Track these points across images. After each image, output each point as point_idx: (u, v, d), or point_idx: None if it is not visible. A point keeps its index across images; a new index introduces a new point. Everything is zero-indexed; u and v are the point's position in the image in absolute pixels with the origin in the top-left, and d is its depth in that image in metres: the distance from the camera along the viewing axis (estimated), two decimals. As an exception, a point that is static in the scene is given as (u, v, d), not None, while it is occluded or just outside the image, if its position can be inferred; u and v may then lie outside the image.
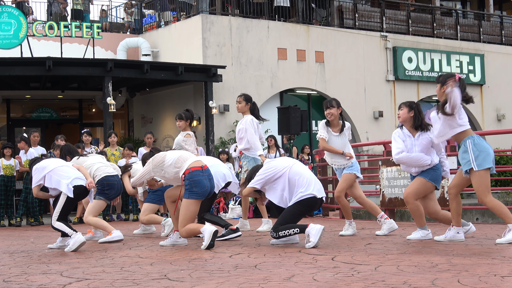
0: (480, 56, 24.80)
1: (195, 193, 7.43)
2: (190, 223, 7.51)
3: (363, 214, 13.57)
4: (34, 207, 13.81)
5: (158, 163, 7.68)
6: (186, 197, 7.44)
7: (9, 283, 5.12)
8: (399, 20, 24.01)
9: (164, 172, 7.66)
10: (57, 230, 8.05)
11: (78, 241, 7.72)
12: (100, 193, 8.88)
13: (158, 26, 22.20)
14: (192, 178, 7.44)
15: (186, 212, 7.44)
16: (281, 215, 7.63)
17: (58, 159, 8.74)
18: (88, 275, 5.42)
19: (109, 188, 8.91)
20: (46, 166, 8.19)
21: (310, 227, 7.22)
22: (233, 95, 19.53)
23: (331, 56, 21.66)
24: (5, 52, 18.78)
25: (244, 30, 20.20)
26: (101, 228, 8.89)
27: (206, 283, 4.76)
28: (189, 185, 7.41)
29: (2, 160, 13.73)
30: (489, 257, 5.88)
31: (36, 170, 8.22)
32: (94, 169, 8.93)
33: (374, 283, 4.53)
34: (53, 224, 8.03)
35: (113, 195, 9.08)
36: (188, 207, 7.44)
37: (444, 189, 10.80)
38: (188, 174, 7.45)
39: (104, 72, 17.66)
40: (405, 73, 22.99)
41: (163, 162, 7.67)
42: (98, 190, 8.87)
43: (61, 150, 9.49)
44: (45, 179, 8.16)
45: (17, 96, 20.97)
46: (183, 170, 7.51)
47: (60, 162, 8.42)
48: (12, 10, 18.91)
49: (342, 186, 9.09)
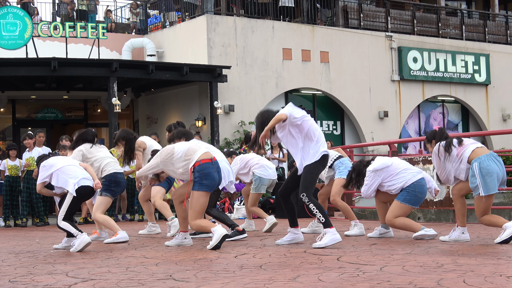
0: (486, 56, 24.74)
1: (205, 185, 7.41)
2: (202, 219, 7.49)
3: (368, 214, 13.56)
4: (39, 207, 13.83)
5: (167, 156, 7.64)
6: (195, 189, 7.40)
7: (15, 284, 5.13)
8: (404, 20, 23.96)
9: (173, 166, 7.62)
10: (63, 230, 8.04)
11: (83, 242, 7.72)
12: (106, 190, 8.78)
13: (163, 27, 22.21)
14: (202, 171, 7.42)
15: (196, 204, 7.41)
16: (303, 176, 7.45)
17: (66, 158, 8.71)
18: (93, 276, 5.43)
19: (116, 185, 8.86)
20: (54, 164, 8.17)
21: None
22: (238, 95, 19.54)
23: (336, 56, 21.64)
24: (10, 53, 18.80)
25: (249, 30, 20.20)
26: (108, 227, 8.84)
27: (211, 284, 4.77)
28: (199, 177, 7.39)
29: (7, 161, 13.77)
30: (495, 257, 5.87)
31: (43, 167, 8.21)
32: (104, 163, 8.84)
33: (379, 283, 4.53)
34: (59, 224, 8.02)
35: (118, 193, 9.07)
36: (198, 199, 7.41)
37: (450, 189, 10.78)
38: (198, 167, 7.42)
39: (109, 72, 17.68)
40: (410, 73, 22.95)
41: (172, 154, 7.63)
42: (104, 186, 8.74)
43: (76, 137, 9.14)
44: (52, 177, 8.14)
45: (22, 96, 21.00)
46: (193, 162, 7.46)
47: (68, 161, 8.37)
48: (17, 11, 18.94)
49: (335, 190, 9.21)
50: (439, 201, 10.95)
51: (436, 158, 7.61)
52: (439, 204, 11.00)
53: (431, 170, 11.06)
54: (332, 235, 7.17)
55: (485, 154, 7.28)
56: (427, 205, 11.01)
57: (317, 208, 7.27)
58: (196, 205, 7.40)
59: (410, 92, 22.92)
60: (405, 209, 8.18)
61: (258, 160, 10.45)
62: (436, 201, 11.00)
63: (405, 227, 8.17)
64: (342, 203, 9.34)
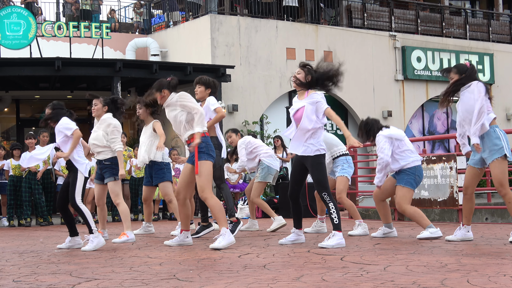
0: (489, 56, 24.71)
1: (212, 156, 7.55)
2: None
3: (372, 214, 13.55)
4: (43, 207, 13.85)
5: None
6: (205, 158, 7.47)
7: (18, 283, 5.14)
8: (408, 19, 23.94)
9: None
10: (78, 212, 7.90)
11: (101, 243, 7.76)
12: (116, 173, 8.87)
13: (166, 26, 22.22)
14: (207, 141, 7.55)
15: (209, 173, 7.46)
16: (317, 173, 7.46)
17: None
18: (97, 275, 5.43)
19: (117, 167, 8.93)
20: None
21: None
22: (242, 95, 19.54)
23: (339, 55, 21.60)
24: (14, 53, 18.83)
25: (252, 30, 20.20)
26: (125, 220, 8.85)
27: (215, 283, 4.77)
28: (205, 147, 7.47)
29: (11, 161, 13.80)
30: (499, 257, 5.86)
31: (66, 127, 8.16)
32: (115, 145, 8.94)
33: (383, 283, 4.52)
34: (78, 204, 7.89)
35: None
36: (210, 168, 7.48)
37: (454, 189, 10.78)
38: (204, 137, 7.50)
39: (113, 72, 17.69)
40: (414, 72, 22.93)
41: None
42: (113, 170, 8.84)
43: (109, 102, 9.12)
44: (67, 141, 8.08)
45: (26, 96, 21.02)
46: (201, 130, 7.51)
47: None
48: (21, 11, 18.97)
49: (340, 187, 9.17)
50: (442, 200, 10.95)
51: (479, 94, 7.36)
52: (443, 204, 10.99)
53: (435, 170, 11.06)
54: (340, 239, 7.19)
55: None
56: (431, 204, 11.00)
57: (335, 209, 7.32)
58: (209, 174, 7.48)
59: (414, 91, 22.90)
60: (411, 192, 8.14)
61: (266, 149, 10.36)
62: (440, 201, 10.99)
63: (415, 218, 8.05)
64: (348, 201, 9.31)
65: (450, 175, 10.83)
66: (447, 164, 10.92)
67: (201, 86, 9.06)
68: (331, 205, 7.30)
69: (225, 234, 7.26)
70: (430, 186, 11.08)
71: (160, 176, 9.81)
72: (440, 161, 11.03)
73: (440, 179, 10.97)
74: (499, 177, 7.11)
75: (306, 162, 7.47)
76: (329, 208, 7.31)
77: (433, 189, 11.06)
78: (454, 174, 10.77)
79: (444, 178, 10.91)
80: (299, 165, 7.61)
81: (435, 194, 11.05)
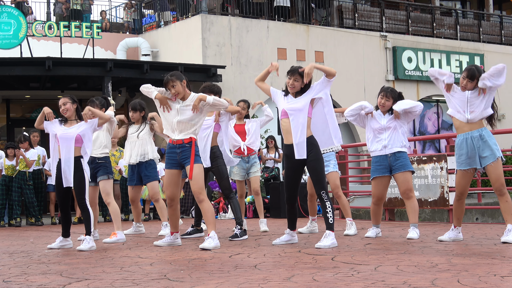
0: (480, 56, 24.79)
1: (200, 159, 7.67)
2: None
3: (363, 214, 13.56)
4: (34, 207, 13.81)
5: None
6: (200, 162, 7.57)
7: (9, 283, 5.12)
8: (398, 20, 24.01)
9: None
10: (85, 212, 7.87)
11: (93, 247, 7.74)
12: (110, 172, 8.91)
13: (157, 26, 22.20)
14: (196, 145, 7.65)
15: (202, 175, 7.51)
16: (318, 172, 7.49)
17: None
18: (87, 275, 5.42)
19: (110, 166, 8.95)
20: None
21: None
22: (233, 95, 19.51)
23: (331, 56, 21.65)
24: (4, 52, 18.77)
25: (243, 30, 20.20)
26: (116, 220, 8.83)
27: (206, 283, 4.76)
28: (197, 151, 7.56)
29: (5, 160, 13.75)
30: (489, 257, 5.88)
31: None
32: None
33: (374, 283, 4.53)
34: (88, 205, 7.88)
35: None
36: (202, 169, 7.55)
37: (444, 189, 10.80)
38: (195, 142, 7.60)
39: (104, 72, 17.66)
40: (405, 73, 22.98)
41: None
42: (107, 168, 8.88)
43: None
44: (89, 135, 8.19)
45: (16, 96, 20.96)
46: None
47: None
48: (12, 10, 18.90)
49: (336, 183, 9.20)
50: (433, 201, 10.97)
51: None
52: (434, 204, 11.02)
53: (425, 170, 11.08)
54: (333, 239, 7.21)
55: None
56: (422, 205, 11.02)
57: (331, 208, 7.35)
58: (202, 177, 7.54)
59: (404, 92, 22.52)
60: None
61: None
62: (431, 201, 11.02)
63: (415, 209, 8.09)
64: (344, 198, 9.34)
65: (440, 175, 10.85)
66: (437, 164, 10.94)
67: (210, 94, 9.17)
68: (328, 204, 7.31)
69: (214, 237, 7.28)
70: (421, 186, 11.10)
71: (153, 175, 9.77)
72: (431, 161, 11.05)
73: (431, 179, 10.99)
74: (501, 177, 7.24)
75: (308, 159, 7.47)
76: (325, 207, 7.32)
77: (424, 189, 11.08)
78: (444, 174, 10.80)
79: (434, 178, 10.93)
80: (294, 170, 7.60)
81: (425, 194, 11.07)
